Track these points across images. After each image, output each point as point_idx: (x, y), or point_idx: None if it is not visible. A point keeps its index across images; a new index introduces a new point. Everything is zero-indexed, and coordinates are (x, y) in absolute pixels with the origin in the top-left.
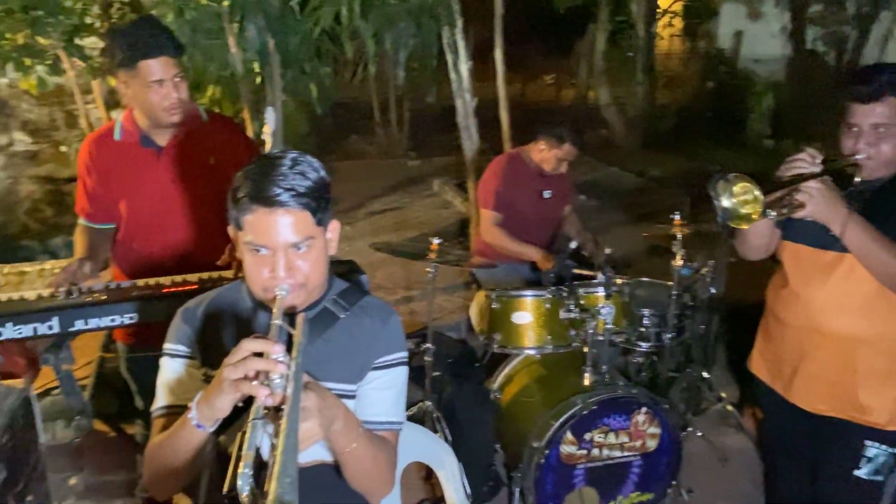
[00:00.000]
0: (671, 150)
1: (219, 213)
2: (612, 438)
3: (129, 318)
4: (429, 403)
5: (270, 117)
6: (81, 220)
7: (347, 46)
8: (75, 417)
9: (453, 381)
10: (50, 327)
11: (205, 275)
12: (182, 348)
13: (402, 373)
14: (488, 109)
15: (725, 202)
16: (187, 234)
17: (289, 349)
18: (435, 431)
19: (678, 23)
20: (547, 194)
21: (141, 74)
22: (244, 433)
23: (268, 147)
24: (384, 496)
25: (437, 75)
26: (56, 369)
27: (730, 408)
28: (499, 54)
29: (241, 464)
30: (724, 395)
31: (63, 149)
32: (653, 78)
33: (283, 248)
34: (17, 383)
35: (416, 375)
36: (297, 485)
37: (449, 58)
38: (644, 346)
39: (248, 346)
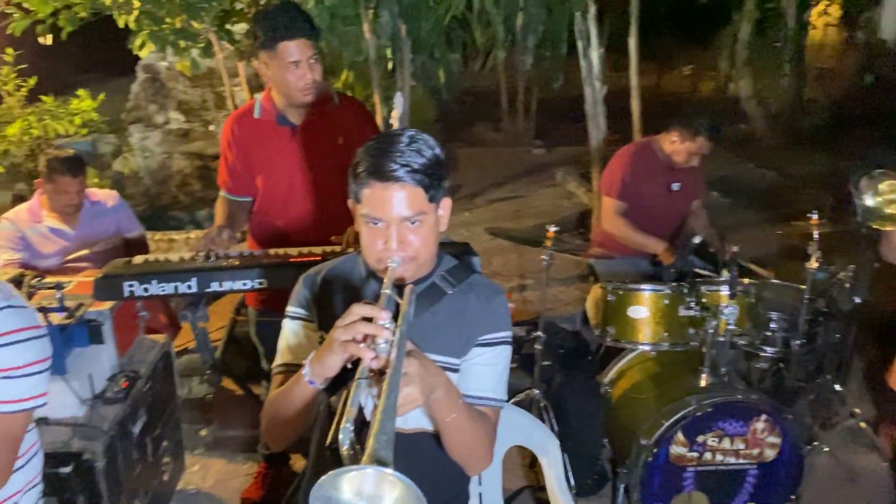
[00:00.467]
0: (819, 147)
1: (344, 191)
2: (726, 444)
3: (258, 283)
4: (537, 392)
5: (399, 102)
6: (222, 192)
7: (477, 33)
8: (206, 372)
9: (563, 371)
10: (189, 286)
11: (328, 248)
12: (301, 311)
13: (506, 351)
14: (618, 99)
15: (868, 201)
16: (315, 209)
17: (396, 318)
18: (541, 420)
19: (834, 11)
20: (675, 187)
21: (280, 55)
22: (349, 391)
23: None
24: (481, 469)
25: (567, 63)
26: (193, 325)
27: (863, 425)
28: (633, 42)
29: (344, 419)
30: (857, 410)
31: (212, 128)
32: (802, 70)
33: (396, 221)
34: (159, 339)
35: (526, 363)
36: (392, 444)
37: (579, 45)
38: (769, 351)
39: (358, 310)
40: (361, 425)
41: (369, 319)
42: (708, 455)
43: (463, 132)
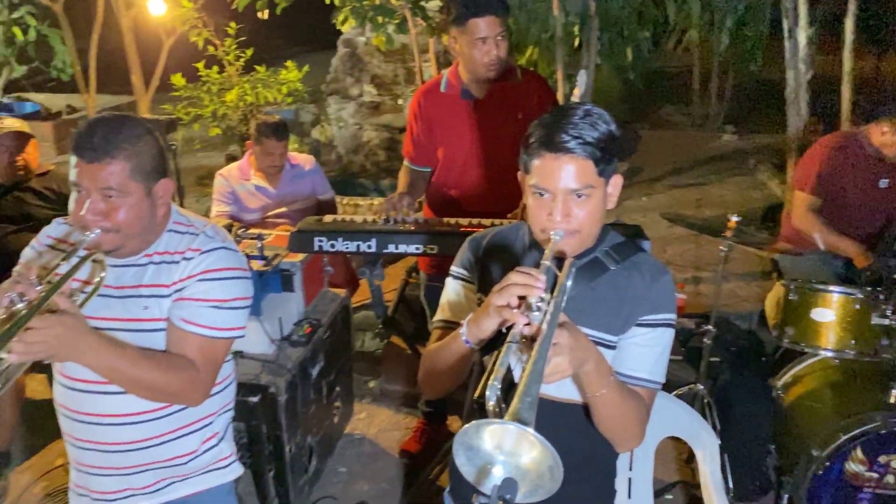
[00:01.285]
0: None
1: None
2: None
3: (429, 249)
4: (701, 387)
5: (581, 80)
6: (405, 161)
7: (671, 11)
8: (378, 327)
9: (733, 370)
10: (369, 246)
11: (497, 220)
12: (463, 272)
13: (667, 334)
14: (826, 85)
15: None
16: (489, 181)
17: (553, 290)
18: (704, 417)
19: None
20: (883, 184)
21: (469, 31)
22: (499, 352)
23: None
24: (630, 447)
25: (768, 43)
26: (369, 282)
27: None
28: (849, 22)
29: (492, 377)
30: None
31: (400, 102)
32: None
33: (562, 193)
34: (340, 293)
35: (692, 357)
36: (535, 407)
37: (785, 23)
38: None
39: (515, 277)
40: (509, 386)
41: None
42: (890, 478)
43: (649, 114)
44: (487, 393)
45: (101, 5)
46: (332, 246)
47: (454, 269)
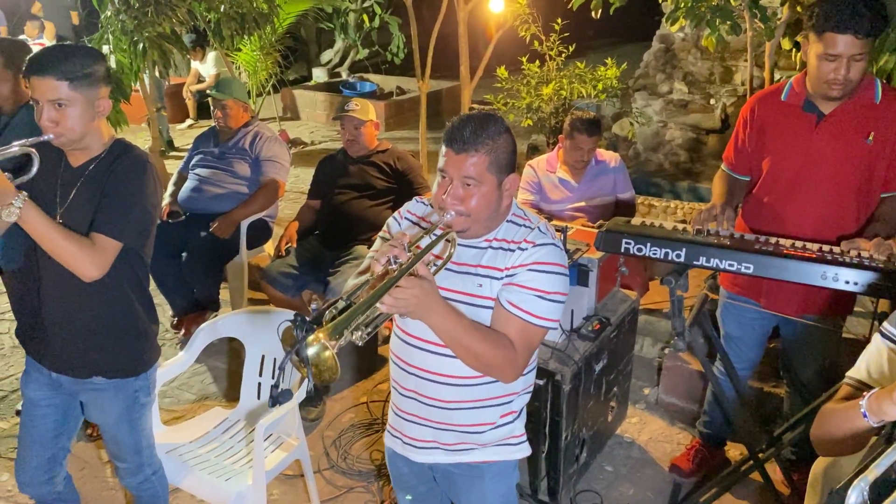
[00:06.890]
0: None
1: (860, 194)
2: None
3: (745, 268)
4: None
5: None
6: (723, 167)
7: None
8: (674, 338)
9: None
10: (678, 255)
11: (826, 246)
12: (893, 332)
13: None
14: None
15: None
16: (820, 203)
17: None
18: None
19: None
20: None
21: (823, 42)
22: (882, 449)
23: None
24: None
25: None
26: (671, 292)
27: None
28: None
29: (862, 475)
30: None
31: (712, 102)
32: None
33: None
34: (631, 295)
35: None
36: None
37: None
38: None
39: None
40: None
41: None
42: None
43: None
44: (851, 493)
45: None
46: (640, 250)
47: (887, 325)
